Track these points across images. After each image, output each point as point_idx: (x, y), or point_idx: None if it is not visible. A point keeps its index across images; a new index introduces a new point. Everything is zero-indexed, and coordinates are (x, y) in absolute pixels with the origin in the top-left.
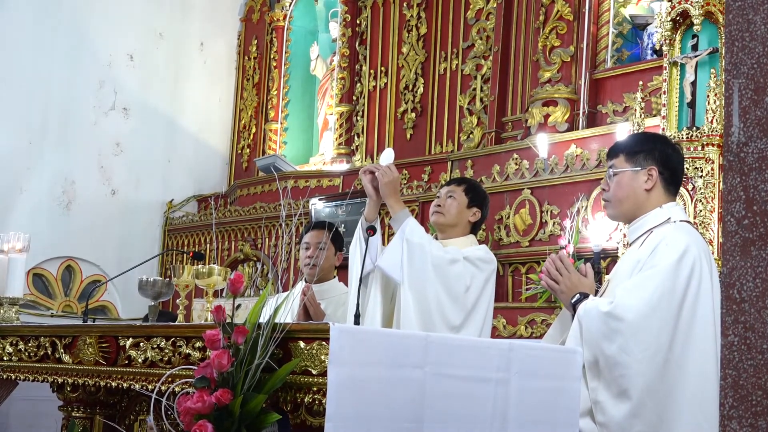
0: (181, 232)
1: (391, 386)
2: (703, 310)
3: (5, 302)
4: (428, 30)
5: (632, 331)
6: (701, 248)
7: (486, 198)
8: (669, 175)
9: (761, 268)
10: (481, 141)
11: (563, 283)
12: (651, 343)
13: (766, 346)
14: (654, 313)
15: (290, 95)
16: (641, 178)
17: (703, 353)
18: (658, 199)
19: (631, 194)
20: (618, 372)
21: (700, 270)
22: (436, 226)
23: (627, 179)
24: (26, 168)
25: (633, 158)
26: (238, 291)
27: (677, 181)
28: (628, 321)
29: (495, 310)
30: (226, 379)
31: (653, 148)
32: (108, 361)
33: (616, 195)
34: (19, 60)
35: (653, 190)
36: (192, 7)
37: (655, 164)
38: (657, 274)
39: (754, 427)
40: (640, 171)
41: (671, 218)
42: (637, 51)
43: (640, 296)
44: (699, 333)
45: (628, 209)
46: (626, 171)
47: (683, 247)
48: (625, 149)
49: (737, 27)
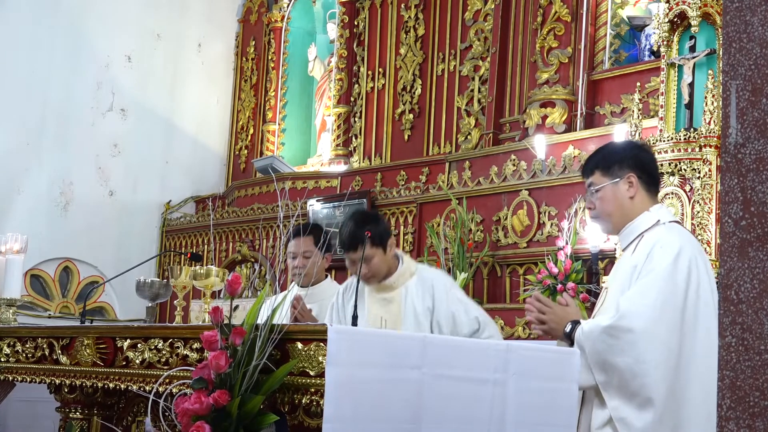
0: (178, 233)
1: (389, 387)
2: (705, 308)
3: (3, 303)
4: (426, 31)
5: (644, 339)
6: (694, 246)
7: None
8: (647, 177)
9: (759, 269)
10: (478, 142)
11: (550, 319)
12: (663, 347)
13: (763, 347)
14: (661, 317)
15: (288, 96)
16: (623, 188)
17: (708, 348)
18: (643, 203)
19: (617, 206)
20: (638, 382)
21: (696, 268)
22: (370, 283)
23: (610, 192)
24: (24, 169)
25: (609, 171)
26: (235, 292)
27: (656, 181)
28: (638, 330)
29: (493, 312)
30: (224, 380)
31: (625, 156)
32: (105, 362)
33: (603, 210)
34: (17, 61)
35: (636, 196)
36: (190, 8)
37: (632, 170)
38: (657, 279)
39: (752, 428)
40: (619, 181)
41: (660, 220)
42: (635, 52)
43: (645, 303)
44: (702, 329)
45: (619, 220)
46: (607, 185)
47: (677, 248)
48: (599, 164)
49: (735, 28)
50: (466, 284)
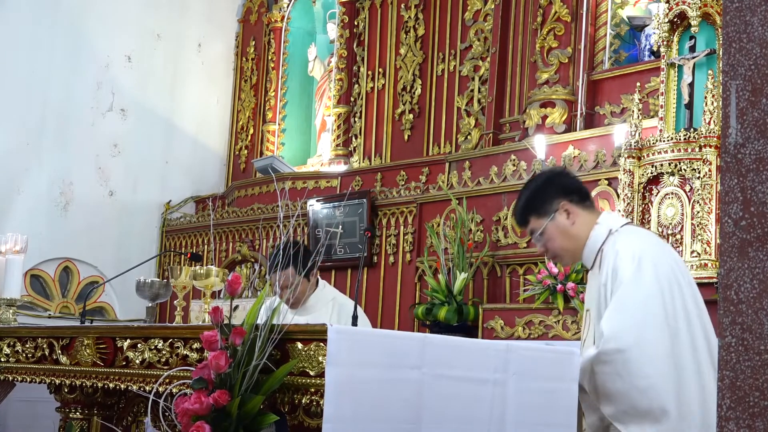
0: (178, 234)
1: (389, 387)
2: (681, 298)
3: (3, 303)
4: (426, 31)
5: (637, 353)
6: (650, 241)
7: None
8: (577, 197)
9: (759, 269)
10: (478, 142)
11: None
12: (658, 352)
13: (763, 348)
14: (645, 323)
15: (288, 96)
16: (562, 219)
17: (694, 335)
18: (587, 221)
19: (566, 237)
20: (649, 396)
21: (659, 262)
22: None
23: (553, 230)
24: (24, 169)
25: (541, 212)
26: (235, 292)
27: (586, 194)
28: (627, 347)
29: (492, 312)
30: (224, 380)
31: (548, 190)
32: (105, 362)
33: (556, 248)
34: (17, 61)
35: (577, 219)
36: (190, 8)
37: (561, 199)
38: (628, 290)
39: (752, 428)
40: (555, 215)
41: (612, 229)
42: (635, 52)
43: (624, 318)
44: (682, 317)
45: (575, 249)
46: (546, 225)
47: (636, 251)
48: (530, 210)
49: (734, 28)
50: (466, 284)
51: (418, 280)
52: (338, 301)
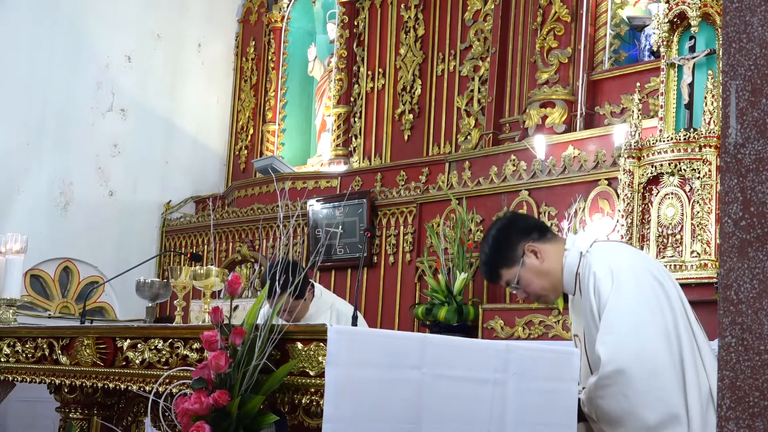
0: (178, 234)
1: (389, 387)
2: (665, 296)
3: (3, 303)
4: (426, 31)
5: (639, 369)
6: (621, 252)
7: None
8: (537, 234)
9: (758, 269)
10: (478, 142)
11: None
12: (658, 361)
13: (763, 348)
14: (638, 336)
15: (288, 96)
16: (531, 261)
17: (685, 330)
18: (556, 254)
19: (542, 277)
20: (658, 408)
21: (636, 270)
22: None
23: (527, 275)
24: (24, 169)
25: (509, 261)
26: (235, 292)
27: (544, 227)
28: (629, 364)
29: (492, 312)
30: (224, 380)
31: (508, 238)
32: (105, 362)
33: (537, 290)
34: (17, 61)
35: (546, 255)
36: (189, 8)
37: (523, 241)
38: (613, 307)
39: (752, 428)
40: (524, 259)
41: (582, 251)
42: (635, 52)
43: (618, 337)
44: (669, 317)
45: (554, 284)
46: (518, 272)
47: (611, 265)
48: (498, 264)
49: (734, 29)
50: (466, 284)
51: (418, 280)
52: (336, 307)
